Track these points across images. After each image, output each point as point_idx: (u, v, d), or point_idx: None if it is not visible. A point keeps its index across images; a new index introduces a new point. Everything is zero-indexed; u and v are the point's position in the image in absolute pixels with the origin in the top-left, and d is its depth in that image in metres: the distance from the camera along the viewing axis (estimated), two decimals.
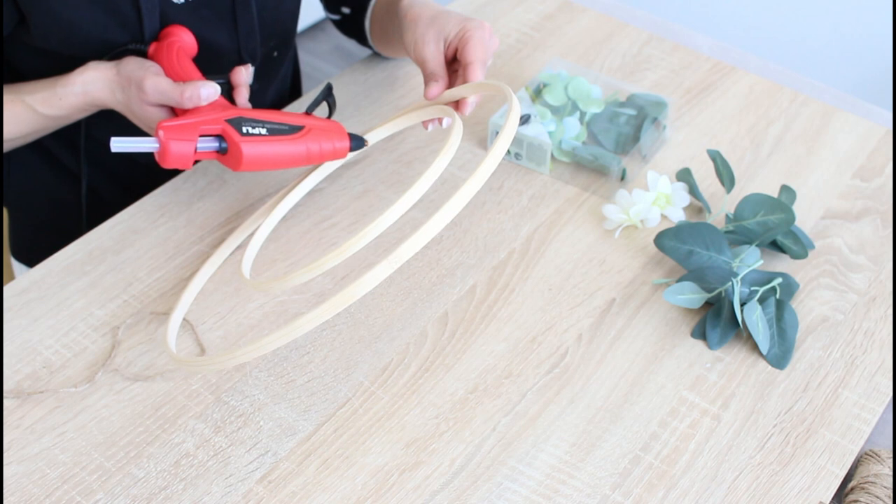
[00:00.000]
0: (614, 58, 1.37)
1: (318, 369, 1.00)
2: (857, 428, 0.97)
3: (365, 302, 1.06)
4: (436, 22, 1.06)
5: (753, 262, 1.06)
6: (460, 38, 1.05)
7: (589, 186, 1.19)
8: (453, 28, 1.05)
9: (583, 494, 0.92)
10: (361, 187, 1.18)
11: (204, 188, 1.17)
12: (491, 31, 1.06)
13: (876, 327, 1.06)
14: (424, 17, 1.07)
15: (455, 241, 1.13)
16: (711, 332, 1.03)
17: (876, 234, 1.15)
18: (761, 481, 0.93)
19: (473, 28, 1.05)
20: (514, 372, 1.01)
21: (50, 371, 0.99)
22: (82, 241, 1.11)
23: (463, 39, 1.04)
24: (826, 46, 2.33)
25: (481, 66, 1.03)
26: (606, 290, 1.08)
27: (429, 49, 1.06)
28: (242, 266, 1.04)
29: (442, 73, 1.05)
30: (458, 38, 1.05)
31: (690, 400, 0.99)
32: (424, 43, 1.06)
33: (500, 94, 0.98)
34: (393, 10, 1.17)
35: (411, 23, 1.08)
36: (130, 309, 1.05)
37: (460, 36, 1.05)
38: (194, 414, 0.96)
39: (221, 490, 0.91)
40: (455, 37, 1.05)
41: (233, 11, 1.14)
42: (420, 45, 1.06)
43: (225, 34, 1.15)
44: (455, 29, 1.05)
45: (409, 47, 1.08)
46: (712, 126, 1.27)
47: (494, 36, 1.07)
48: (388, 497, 0.91)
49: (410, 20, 1.08)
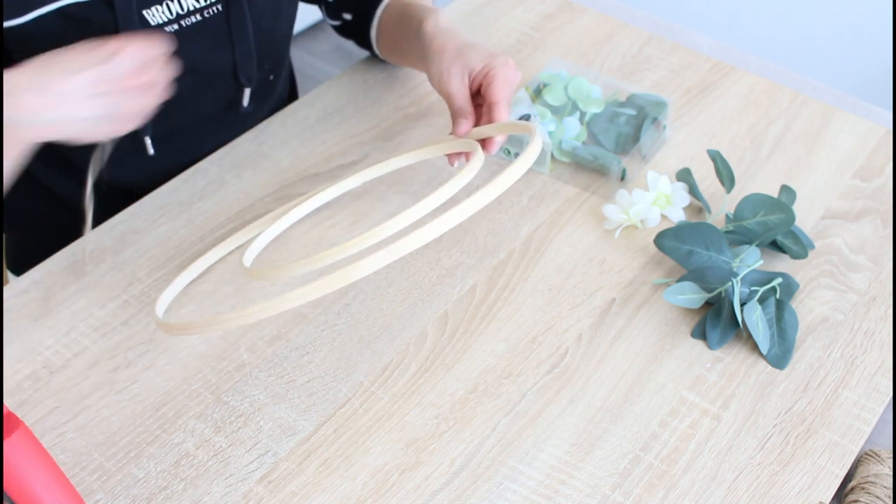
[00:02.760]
0: (614, 58, 1.37)
1: (318, 369, 1.00)
2: (857, 428, 0.97)
3: (365, 302, 1.06)
4: (461, 56, 1.07)
5: (753, 262, 1.06)
6: (485, 74, 1.05)
7: (589, 186, 1.19)
8: (478, 63, 1.06)
9: (583, 494, 0.92)
10: (361, 187, 1.18)
11: (204, 188, 1.17)
12: (514, 67, 1.06)
13: (876, 327, 1.06)
14: (450, 50, 1.07)
15: (455, 241, 1.13)
16: (711, 332, 1.03)
17: (876, 234, 1.15)
18: (761, 481, 0.93)
19: (499, 66, 1.05)
20: (514, 372, 1.01)
21: (50, 371, 0.99)
22: (82, 242, 1.11)
23: (488, 77, 1.05)
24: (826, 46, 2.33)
25: (506, 106, 1.04)
26: (606, 290, 1.08)
27: (454, 84, 1.06)
28: (245, 256, 1.04)
29: (469, 110, 1.06)
30: (482, 73, 1.05)
31: (690, 400, 0.99)
32: (450, 76, 1.06)
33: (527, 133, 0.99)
34: (408, 27, 1.17)
35: (437, 53, 1.08)
36: (131, 309, 1.05)
37: (485, 73, 1.05)
38: (194, 414, 0.96)
39: (221, 490, 0.91)
40: (480, 73, 1.06)
41: (229, 36, 1.14)
42: (446, 79, 1.06)
43: (221, 58, 1.15)
44: (480, 64, 1.06)
45: (433, 78, 1.09)
46: (712, 126, 1.27)
47: (518, 71, 1.07)
48: (388, 497, 0.91)
49: (436, 51, 1.08)
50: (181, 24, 1.10)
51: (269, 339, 1.03)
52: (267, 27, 1.18)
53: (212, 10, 1.12)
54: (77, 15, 1.04)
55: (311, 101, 1.29)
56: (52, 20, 1.03)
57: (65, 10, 1.03)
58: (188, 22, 1.10)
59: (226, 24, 1.13)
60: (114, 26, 1.05)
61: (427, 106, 1.28)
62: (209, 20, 1.12)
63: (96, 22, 1.04)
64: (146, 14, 1.07)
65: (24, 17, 1.02)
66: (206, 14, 1.11)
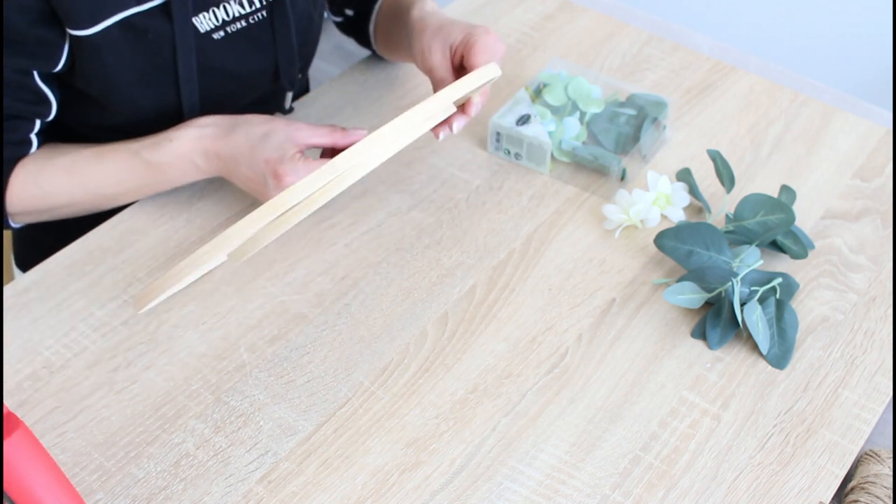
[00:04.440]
0: (614, 58, 1.37)
1: (318, 369, 1.00)
2: (857, 428, 0.97)
3: (365, 302, 1.06)
4: (441, 31, 1.07)
5: (753, 262, 1.06)
6: (465, 43, 1.05)
7: (589, 186, 1.19)
8: (458, 35, 1.06)
9: (583, 494, 0.92)
10: (361, 187, 1.18)
11: (204, 188, 1.17)
12: (497, 38, 1.06)
13: (876, 327, 1.06)
14: (430, 27, 1.08)
15: (455, 241, 1.13)
16: (711, 332, 1.03)
17: (876, 234, 1.15)
18: (761, 481, 0.93)
19: (478, 34, 1.05)
20: (514, 372, 1.01)
21: (50, 371, 0.99)
22: (82, 241, 1.11)
23: (468, 45, 1.05)
24: (826, 46, 2.32)
25: None
26: (606, 290, 1.08)
27: (435, 58, 1.07)
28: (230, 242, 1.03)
29: (450, 80, 1.06)
30: (462, 44, 1.05)
31: (690, 400, 0.99)
32: (431, 52, 1.07)
33: (495, 76, 0.99)
34: (399, 17, 1.18)
35: (419, 33, 1.09)
36: (131, 309, 1.05)
37: (465, 42, 1.05)
38: (194, 414, 0.96)
39: (221, 490, 0.91)
40: (460, 43, 1.06)
41: (273, 41, 1.15)
42: (427, 55, 1.07)
43: (264, 62, 1.17)
44: (460, 35, 1.06)
45: (416, 58, 1.09)
46: (712, 126, 1.27)
47: (501, 42, 1.07)
48: (388, 497, 0.91)
49: (418, 31, 1.09)
50: (227, 31, 1.11)
51: (269, 339, 1.03)
52: (305, 29, 1.19)
53: (257, 17, 1.13)
54: (137, 24, 1.05)
55: (311, 100, 1.29)
56: (114, 30, 1.04)
57: (127, 21, 1.04)
58: (234, 28, 1.12)
59: (270, 30, 1.15)
60: (170, 34, 1.06)
61: None
62: (253, 26, 1.13)
63: (153, 31, 1.06)
64: (195, 21, 1.08)
65: (93, 29, 1.03)
66: (251, 20, 1.13)
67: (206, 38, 1.10)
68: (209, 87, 1.13)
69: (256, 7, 1.13)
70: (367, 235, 1.13)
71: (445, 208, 1.16)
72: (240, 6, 1.11)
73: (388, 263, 1.10)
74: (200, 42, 1.09)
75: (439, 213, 1.15)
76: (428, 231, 1.13)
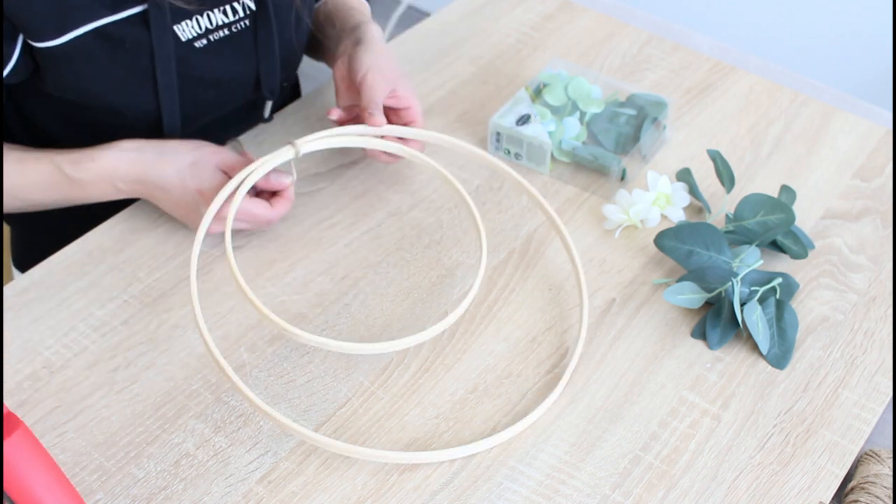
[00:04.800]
0: (614, 58, 1.37)
1: (318, 369, 1.00)
2: (857, 428, 0.97)
3: (365, 302, 1.06)
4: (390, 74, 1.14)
5: (753, 262, 1.06)
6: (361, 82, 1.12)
7: (589, 186, 1.19)
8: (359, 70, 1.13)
9: (583, 494, 0.92)
10: (361, 187, 1.18)
11: None
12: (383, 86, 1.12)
13: (876, 327, 1.06)
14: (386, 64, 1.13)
15: (455, 241, 1.13)
16: (711, 332, 1.03)
17: (876, 234, 1.15)
18: (761, 481, 0.93)
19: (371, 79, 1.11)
20: (514, 372, 1.01)
21: (50, 371, 0.99)
22: (82, 241, 1.11)
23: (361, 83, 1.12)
24: (826, 46, 2.32)
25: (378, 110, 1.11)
26: (606, 290, 1.08)
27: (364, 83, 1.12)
28: None
29: None
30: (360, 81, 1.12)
31: (690, 400, 0.99)
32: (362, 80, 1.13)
33: None
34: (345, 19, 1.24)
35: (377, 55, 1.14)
36: (130, 309, 1.05)
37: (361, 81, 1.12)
38: (194, 414, 0.96)
39: (221, 490, 0.91)
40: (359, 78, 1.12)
41: (255, 50, 1.15)
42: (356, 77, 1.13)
43: (245, 70, 1.17)
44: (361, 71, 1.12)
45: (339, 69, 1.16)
46: (712, 126, 1.27)
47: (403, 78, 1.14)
48: (388, 497, 0.91)
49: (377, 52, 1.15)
50: (209, 39, 1.11)
51: (269, 339, 1.03)
52: (289, 38, 1.19)
53: (239, 25, 1.13)
54: (113, 33, 1.04)
55: (311, 100, 1.29)
56: (87, 39, 1.04)
57: (101, 30, 1.04)
58: (216, 36, 1.12)
59: (252, 38, 1.14)
60: (148, 43, 1.06)
61: (426, 106, 1.28)
62: (236, 34, 1.13)
63: (130, 40, 1.05)
64: (176, 29, 1.08)
65: (60, 39, 1.03)
66: (233, 28, 1.13)
67: (187, 46, 1.09)
68: (190, 95, 1.12)
69: (240, 16, 1.12)
70: (367, 235, 1.13)
71: (445, 208, 1.16)
72: (223, 15, 1.11)
73: (388, 263, 1.10)
74: (181, 50, 1.09)
75: (439, 213, 1.15)
76: (428, 231, 1.14)
